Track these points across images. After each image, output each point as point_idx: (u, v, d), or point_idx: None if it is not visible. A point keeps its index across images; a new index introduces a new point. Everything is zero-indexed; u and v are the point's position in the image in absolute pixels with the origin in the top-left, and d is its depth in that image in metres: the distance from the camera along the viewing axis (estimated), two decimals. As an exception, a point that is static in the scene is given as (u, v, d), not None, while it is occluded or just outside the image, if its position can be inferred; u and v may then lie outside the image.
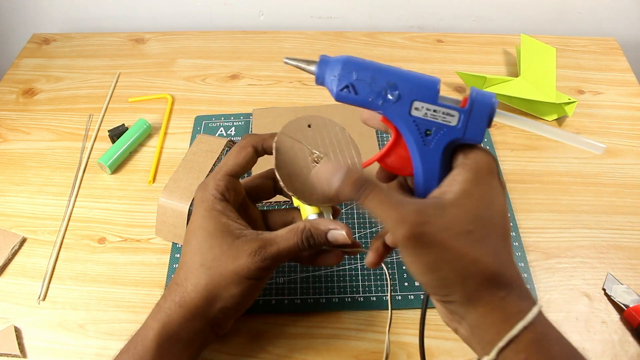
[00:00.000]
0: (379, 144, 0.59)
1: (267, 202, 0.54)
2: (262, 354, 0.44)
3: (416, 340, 0.45)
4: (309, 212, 0.40)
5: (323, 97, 0.66)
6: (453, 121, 0.31)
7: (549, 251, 0.50)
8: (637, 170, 0.57)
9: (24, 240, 0.53)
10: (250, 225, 0.39)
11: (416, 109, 0.32)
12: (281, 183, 0.38)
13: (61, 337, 0.46)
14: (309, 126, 0.41)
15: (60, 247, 0.52)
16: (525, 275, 0.48)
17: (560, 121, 0.62)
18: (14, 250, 0.52)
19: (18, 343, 0.45)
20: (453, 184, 0.31)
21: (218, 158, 0.53)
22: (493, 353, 0.29)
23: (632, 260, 0.49)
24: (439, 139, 0.32)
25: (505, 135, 0.61)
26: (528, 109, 0.63)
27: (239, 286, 0.36)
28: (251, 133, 0.42)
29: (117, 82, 0.69)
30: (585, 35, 0.75)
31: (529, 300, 0.30)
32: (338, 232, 0.37)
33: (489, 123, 0.31)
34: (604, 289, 0.47)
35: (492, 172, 0.31)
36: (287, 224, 0.39)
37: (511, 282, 0.30)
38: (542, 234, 0.52)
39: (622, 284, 0.46)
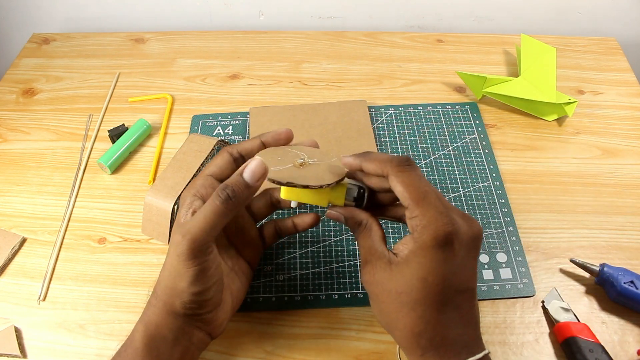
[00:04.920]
0: (376, 141, 0.59)
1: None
2: (262, 354, 0.44)
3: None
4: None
5: (323, 97, 0.66)
6: None
7: (549, 251, 0.50)
8: (637, 170, 0.57)
9: (24, 240, 0.53)
10: (240, 233, 0.42)
11: None
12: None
13: (61, 338, 0.46)
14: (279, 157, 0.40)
15: (60, 247, 0.52)
16: (526, 280, 0.48)
17: (560, 121, 0.62)
18: (14, 250, 0.52)
19: (18, 343, 0.45)
20: (404, 249, 0.35)
21: (206, 158, 0.54)
22: None
23: (632, 261, 0.49)
24: None
25: (505, 135, 0.61)
26: (528, 109, 0.63)
27: (186, 273, 0.35)
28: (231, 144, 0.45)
29: (117, 82, 0.69)
30: (585, 35, 0.75)
31: (455, 356, 0.34)
32: (251, 164, 0.36)
33: None
34: (542, 302, 0.47)
35: (437, 242, 0.34)
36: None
37: (430, 345, 0.34)
38: (542, 234, 0.52)
39: (563, 300, 0.46)
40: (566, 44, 0.73)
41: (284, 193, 0.40)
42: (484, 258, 0.49)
